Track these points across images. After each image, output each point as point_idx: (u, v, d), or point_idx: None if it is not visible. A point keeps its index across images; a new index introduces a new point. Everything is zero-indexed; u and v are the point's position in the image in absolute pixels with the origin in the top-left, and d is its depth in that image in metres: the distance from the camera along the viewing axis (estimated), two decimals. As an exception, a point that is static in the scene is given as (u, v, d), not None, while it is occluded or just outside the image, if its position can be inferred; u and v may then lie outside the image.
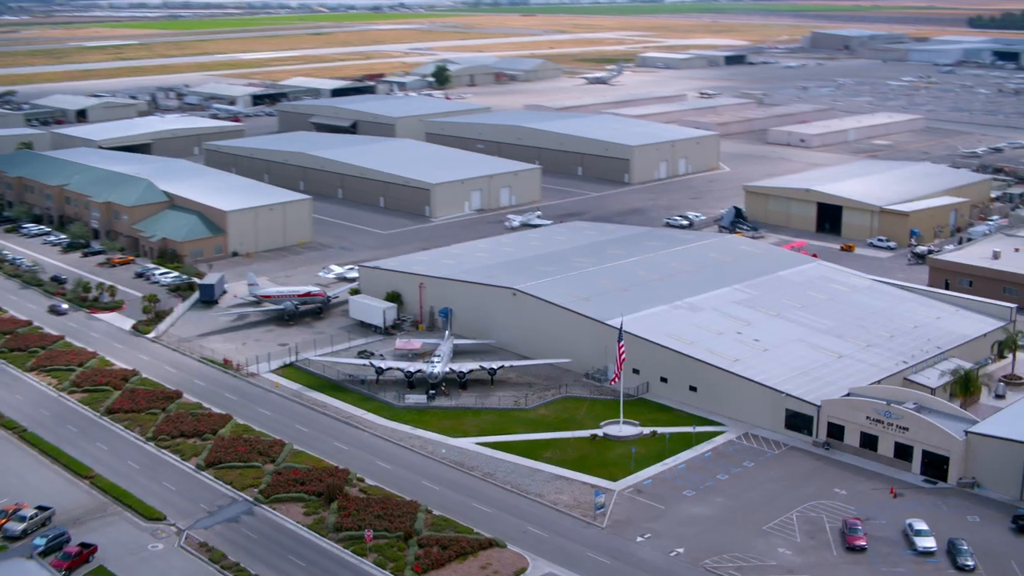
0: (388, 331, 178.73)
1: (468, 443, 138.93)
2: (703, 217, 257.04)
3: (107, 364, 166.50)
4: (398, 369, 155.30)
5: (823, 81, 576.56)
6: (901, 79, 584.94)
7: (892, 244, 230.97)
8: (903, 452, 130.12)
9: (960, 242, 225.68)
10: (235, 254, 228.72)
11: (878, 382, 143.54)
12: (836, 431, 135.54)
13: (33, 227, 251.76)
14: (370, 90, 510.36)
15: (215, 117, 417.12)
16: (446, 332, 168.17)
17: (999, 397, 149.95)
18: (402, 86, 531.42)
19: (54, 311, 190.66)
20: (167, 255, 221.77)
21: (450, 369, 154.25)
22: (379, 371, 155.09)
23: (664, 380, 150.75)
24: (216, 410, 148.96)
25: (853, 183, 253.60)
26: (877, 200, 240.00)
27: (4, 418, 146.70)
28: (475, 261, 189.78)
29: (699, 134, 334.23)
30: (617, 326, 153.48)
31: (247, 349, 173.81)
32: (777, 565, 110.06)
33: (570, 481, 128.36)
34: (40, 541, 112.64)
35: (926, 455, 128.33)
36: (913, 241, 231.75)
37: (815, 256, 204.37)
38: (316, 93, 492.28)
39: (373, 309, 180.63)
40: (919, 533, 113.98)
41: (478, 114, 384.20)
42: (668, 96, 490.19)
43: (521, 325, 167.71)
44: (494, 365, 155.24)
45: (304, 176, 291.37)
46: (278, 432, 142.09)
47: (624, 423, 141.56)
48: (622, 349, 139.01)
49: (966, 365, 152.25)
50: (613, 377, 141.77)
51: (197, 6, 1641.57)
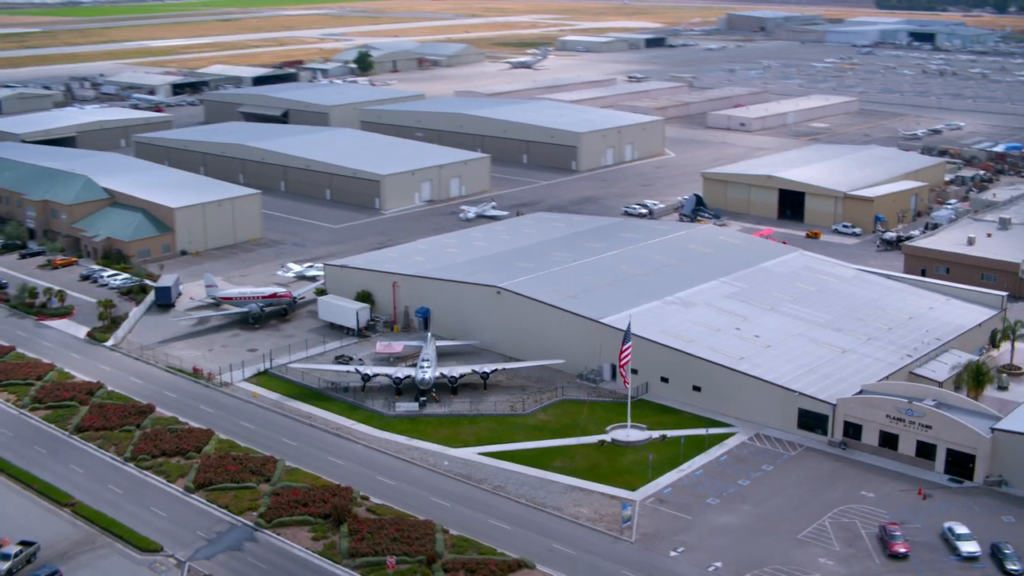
0: (362, 333, 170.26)
1: (470, 453, 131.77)
2: (661, 205, 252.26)
3: (67, 377, 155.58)
4: (386, 375, 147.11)
5: (748, 63, 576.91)
6: (824, 61, 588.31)
7: (857, 230, 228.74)
8: (925, 451, 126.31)
9: (926, 227, 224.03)
10: (184, 253, 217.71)
11: (886, 378, 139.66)
12: (853, 430, 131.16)
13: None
14: (292, 77, 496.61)
15: (136, 107, 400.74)
16: (428, 334, 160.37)
17: (1002, 389, 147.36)
18: (324, 73, 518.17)
19: None
20: (112, 256, 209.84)
21: (440, 374, 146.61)
22: (366, 378, 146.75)
23: (665, 380, 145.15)
24: (195, 424, 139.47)
25: (812, 169, 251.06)
26: (839, 186, 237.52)
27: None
28: (448, 257, 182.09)
29: (645, 119, 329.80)
30: (613, 325, 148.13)
31: (215, 356, 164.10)
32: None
33: (587, 492, 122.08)
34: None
35: (950, 453, 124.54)
36: (879, 227, 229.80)
37: (784, 244, 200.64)
38: (238, 81, 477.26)
39: (345, 310, 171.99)
40: (960, 537, 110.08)
41: (413, 101, 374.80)
42: (598, 80, 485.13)
43: (506, 325, 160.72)
44: (487, 369, 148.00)
45: (243, 168, 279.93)
46: (264, 447, 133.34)
47: (632, 427, 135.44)
48: (628, 351, 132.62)
49: (968, 357, 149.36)
50: (624, 380, 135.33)
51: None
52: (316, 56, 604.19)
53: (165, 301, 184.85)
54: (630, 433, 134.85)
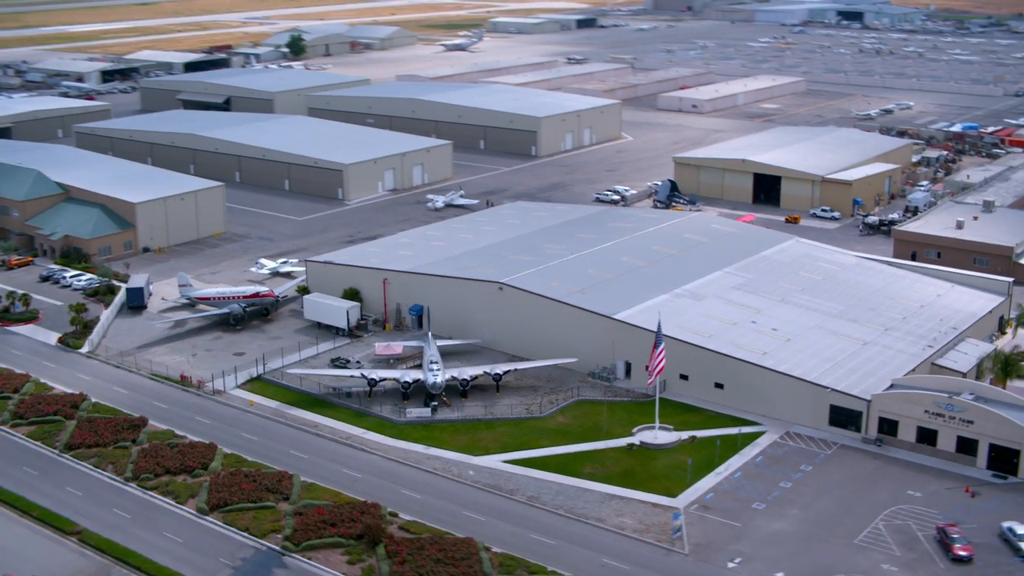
0: (353, 333, 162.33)
1: (494, 461, 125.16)
2: (634, 192, 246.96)
3: (45, 388, 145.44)
4: (394, 379, 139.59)
5: (684, 44, 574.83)
6: (759, 40, 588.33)
7: (836, 214, 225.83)
8: (967, 446, 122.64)
9: (906, 211, 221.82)
10: (146, 250, 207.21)
11: (912, 370, 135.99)
12: (887, 426, 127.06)
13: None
14: (224, 63, 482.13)
15: (66, 96, 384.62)
16: (428, 333, 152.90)
17: (1020, 377, 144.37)
18: (257, 58, 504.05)
19: None
20: (71, 254, 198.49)
21: (451, 377, 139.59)
22: (372, 383, 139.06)
23: (684, 377, 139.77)
24: (193, 438, 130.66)
25: (784, 152, 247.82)
26: (815, 169, 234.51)
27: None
28: (436, 251, 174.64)
29: (602, 103, 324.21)
30: (627, 321, 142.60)
31: (200, 362, 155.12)
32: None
33: (627, 500, 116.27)
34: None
35: (993, 448, 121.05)
36: (857, 211, 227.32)
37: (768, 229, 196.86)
38: (168, 67, 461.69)
39: (334, 309, 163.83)
40: (1022, 538, 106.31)
41: (359, 87, 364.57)
42: (539, 63, 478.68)
43: (509, 322, 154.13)
44: (499, 370, 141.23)
45: (194, 159, 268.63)
46: (274, 461, 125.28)
47: (659, 429, 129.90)
48: (661, 353, 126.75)
49: (987, 346, 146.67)
50: (650, 381, 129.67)
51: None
52: (243, 40, 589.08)
53: (137, 303, 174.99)
54: (658, 435, 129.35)
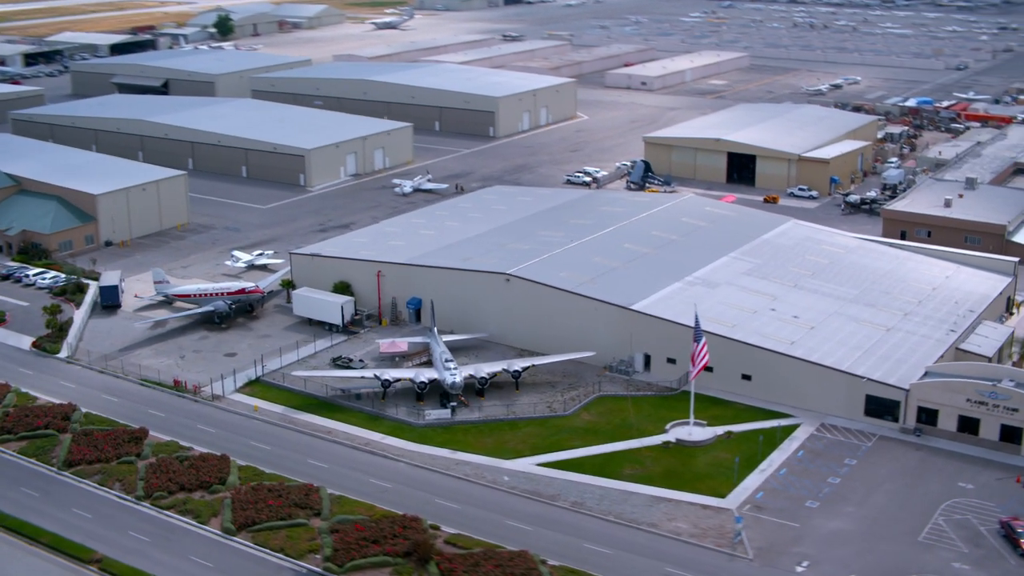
0: (349, 329, 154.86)
1: (527, 465, 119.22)
2: (604, 173, 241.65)
3: (29, 399, 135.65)
4: (409, 380, 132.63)
5: (615, 19, 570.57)
6: (690, 15, 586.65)
7: (814, 193, 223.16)
8: (1011, 435, 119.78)
9: (884, 189, 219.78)
10: (108, 244, 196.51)
11: (941, 357, 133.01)
12: (926, 415, 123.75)
13: None
14: (151, 44, 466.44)
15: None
16: (433, 328, 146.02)
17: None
18: (185, 39, 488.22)
19: None
20: (30, 251, 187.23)
21: (469, 375, 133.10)
22: (386, 384, 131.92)
23: (709, 369, 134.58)
24: (200, 449, 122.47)
25: (755, 131, 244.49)
26: (789, 147, 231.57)
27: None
28: (428, 240, 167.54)
29: (557, 82, 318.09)
30: (645, 312, 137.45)
31: (190, 364, 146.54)
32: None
33: (675, 503, 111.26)
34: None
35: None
36: (834, 189, 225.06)
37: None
38: (94, 49, 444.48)
39: (327, 304, 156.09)
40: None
41: (302, 68, 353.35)
42: (476, 41, 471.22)
43: (517, 315, 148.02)
44: (519, 367, 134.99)
45: (142, 146, 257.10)
46: (293, 472, 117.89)
47: (694, 424, 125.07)
48: (703, 348, 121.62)
49: (1005, 329, 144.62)
50: (692, 376, 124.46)
51: None
52: (164, 21, 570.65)
53: (112, 302, 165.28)
54: (692, 431, 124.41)
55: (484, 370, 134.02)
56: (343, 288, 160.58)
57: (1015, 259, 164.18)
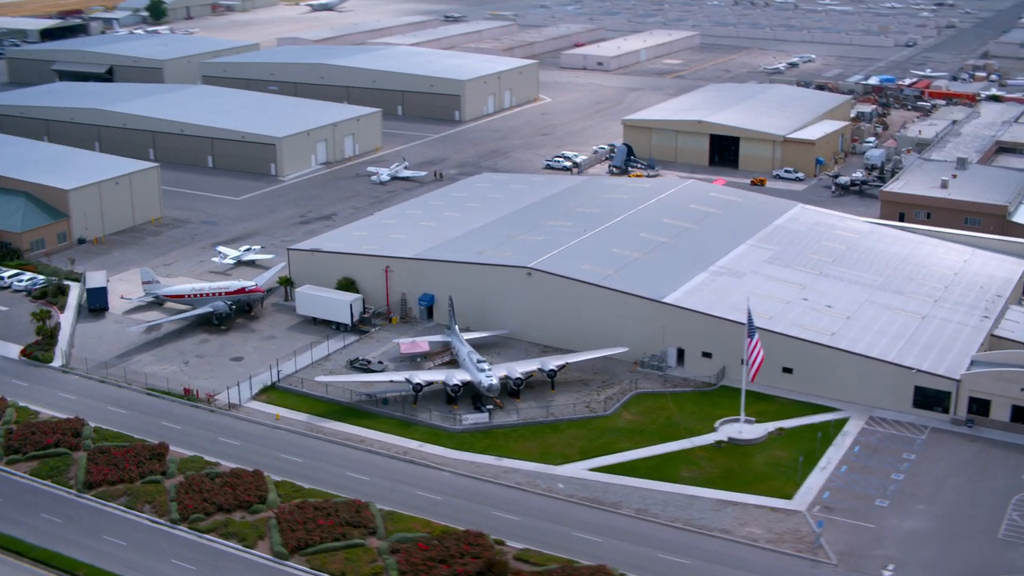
0: (359, 328, 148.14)
1: (579, 470, 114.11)
2: (584, 157, 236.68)
3: (30, 414, 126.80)
4: (442, 383, 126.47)
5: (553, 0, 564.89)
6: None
7: (800, 175, 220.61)
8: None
9: (871, 169, 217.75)
10: (82, 241, 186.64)
11: (982, 344, 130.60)
12: (977, 406, 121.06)
13: None
14: (82, 29, 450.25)
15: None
16: (455, 326, 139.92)
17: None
18: (118, 23, 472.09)
19: None
20: (0, 251, 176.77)
21: (503, 375, 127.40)
22: (418, 388, 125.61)
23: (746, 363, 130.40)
24: (227, 463, 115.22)
25: (735, 112, 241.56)
26: (771, 129, 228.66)
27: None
28: (432, 233, 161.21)
29: (520, 63, 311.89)
30: (678, 304, 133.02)
31: (196, 370, 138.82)
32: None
33: (743, 506, 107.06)
34: None
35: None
36: (819, 170, 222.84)
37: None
38: (23, 35, 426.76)
39: (334, 303, 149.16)
40: None
41: (251, 52, 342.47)
42: (420, 22, 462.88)
43: (540, 310, 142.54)
44: (553, 365, 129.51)
45: (99, 136, 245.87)
46: (329, 485, 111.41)
47: (744, 422, 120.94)
48: (758, 346, 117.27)
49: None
50: (753, 377, 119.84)
51: None
52: (91, 4, 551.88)
53: (100, 304, 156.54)
54: (742, 429, 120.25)
55: (517, 370, 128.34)
56: (347, 285, 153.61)
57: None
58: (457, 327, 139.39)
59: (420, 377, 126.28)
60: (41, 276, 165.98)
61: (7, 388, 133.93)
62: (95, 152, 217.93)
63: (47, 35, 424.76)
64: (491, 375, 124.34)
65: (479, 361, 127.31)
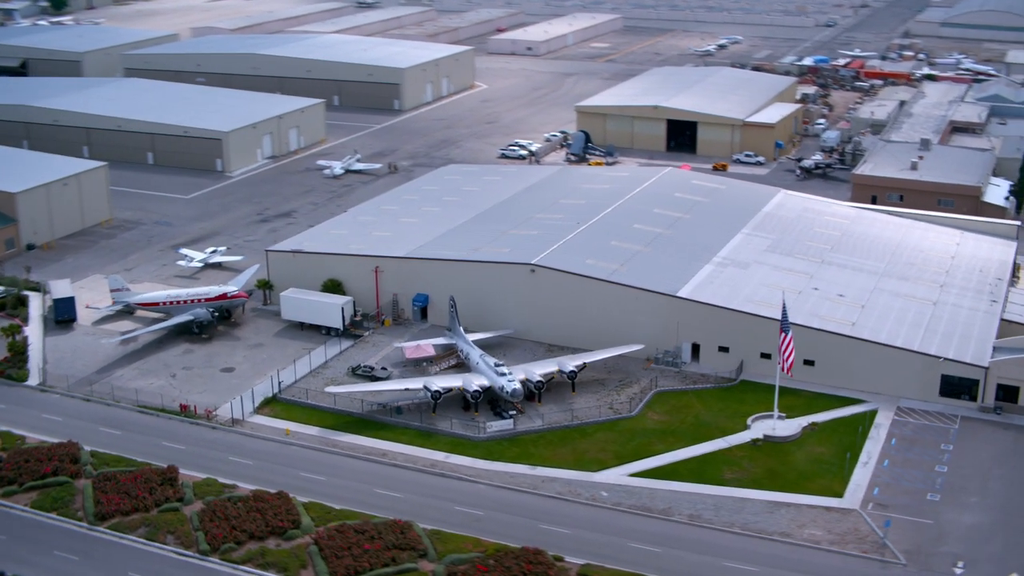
0: (351, 332, 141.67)
1: (618, 476, 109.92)
2: (538, 146, 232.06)
3: (16, 439, 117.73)
4: (461, 389, 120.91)
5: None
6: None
7: (761, 159, 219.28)
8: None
9: (832, 151, 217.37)
10: (31, 247, 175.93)
11: (999, 329, 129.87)
12: (1006, 393, 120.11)
13: None
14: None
15: None
16: (460, 327, 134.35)
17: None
18: (19, 13, 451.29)
19: None
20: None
21: (523, 379, 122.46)
22: (436, 396, 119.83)
23: (767, 356, 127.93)
24: (245, 486, 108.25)
25: (689, 97, 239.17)
26: (727, 112, 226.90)
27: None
28: (416, 230, 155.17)
29: (457, 50, 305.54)
30: (692, 298, 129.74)
31: (185, 384, 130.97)
32: None
33: (796, 507, 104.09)
34: None
35: None
36: (778, 154, 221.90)
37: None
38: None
39: (324, 306, 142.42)
40: None
41: (172, 43, 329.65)
42: (333, 9, 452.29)
43: (545, 308, 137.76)
44: (572, 366, 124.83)
45: (28, 134, 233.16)
46: (369, 506, 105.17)
47: (777, 418, 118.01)
48: (790, 341, 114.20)
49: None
50: (788, 370, 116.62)
51: None
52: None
53: (68, 316, 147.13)
54: (775, 426, 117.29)
55: (536, 372, 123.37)
56: (334, 287, 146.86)
57: (1017, 223, 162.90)
58: (462, 328, 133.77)
59: (438, 384, 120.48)
60: (0, 286, 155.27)
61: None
62: (37, 152, 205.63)
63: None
64: (512, 379, 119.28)
65: (497, 365, 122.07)
